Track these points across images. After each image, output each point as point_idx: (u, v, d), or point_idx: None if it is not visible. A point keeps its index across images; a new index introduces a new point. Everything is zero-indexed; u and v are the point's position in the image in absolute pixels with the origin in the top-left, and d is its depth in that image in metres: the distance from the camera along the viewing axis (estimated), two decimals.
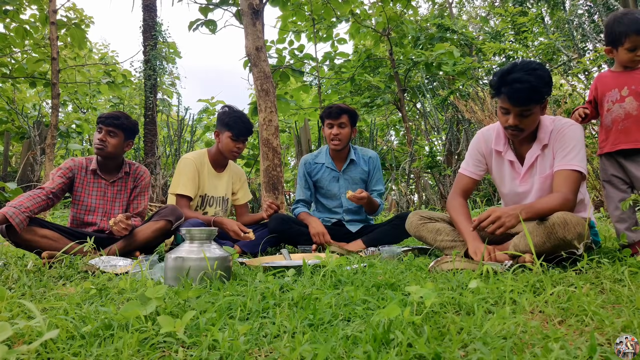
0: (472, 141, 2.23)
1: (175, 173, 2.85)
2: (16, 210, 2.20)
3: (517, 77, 1.79)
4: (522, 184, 2.03)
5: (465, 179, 2.19)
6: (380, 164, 3.04)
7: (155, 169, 7.24)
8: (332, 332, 0.99)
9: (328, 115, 2.84)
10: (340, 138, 2.84)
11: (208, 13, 5.64)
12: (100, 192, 2.63)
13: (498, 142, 2.09)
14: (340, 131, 2.83)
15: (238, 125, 2.80)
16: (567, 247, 1.70)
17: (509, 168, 2.08)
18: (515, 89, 1.79)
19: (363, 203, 2.70)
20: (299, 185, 3.06)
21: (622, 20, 1.90)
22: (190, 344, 0.97)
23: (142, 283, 1.58)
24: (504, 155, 2.07)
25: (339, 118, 2.82)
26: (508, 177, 2.08)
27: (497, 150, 2.09)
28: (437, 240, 2.14)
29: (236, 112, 2.88)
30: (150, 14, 9.19)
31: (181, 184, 2.76)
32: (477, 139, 2.20)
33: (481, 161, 2.17)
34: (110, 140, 2.58)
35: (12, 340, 0.99)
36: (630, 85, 1.91)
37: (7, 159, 9.01)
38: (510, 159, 2.05)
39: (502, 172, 2.11)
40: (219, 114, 2.92)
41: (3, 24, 6.98)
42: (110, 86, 7.62)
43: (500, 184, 2.14)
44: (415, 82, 7.86)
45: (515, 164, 2.05)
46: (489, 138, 2.13)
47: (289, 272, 1.67)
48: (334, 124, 2.83)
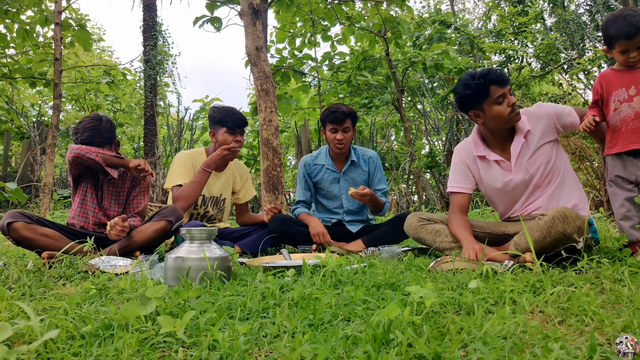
0: (452, 160, 2.30)
1: (170, 168, 2.82)
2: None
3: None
4: (516, 174, 2.09)
5: (457, 197, 2.22)
6: (380, 163, 3.03)
7: (155, 168, 7.24)
8: (332, 332, 0.99)
9: (333, 121, 2.80)
10: (344, 143, 2.83)
11: (214, 10, 5.63)
12: (97, 187, 2.63)
13: (478, 148, 2.17)
14: (344, 136, 2.81)
15: (231, 117, 2.76)
16: (568, 242, 1.71)
17: (496, 167, 2.14)
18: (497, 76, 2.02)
19: (366, 200, 2.68)
20: (298, 186, 3.05)
21: (614, 24, 1.90)
22: (190, 344, 0.97)
23: (142, 283, 1.58)
24: (488, 157, 2.14)
25: (343, 123, 2.80)
26: (499, 175, 2.13)
27: (479, 156, 2.17)
28: (436, 241, 2.14)
29: (225, 107, 2.85)
30: (150, 14, 9.20)
31: (174, 175, 2.73)
32: (457, 154, 2.28)
33: (467, 174, 2.23)
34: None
35: (12, 340, 0.99)
36: (637, 84, 1.89)
37: (7, 159, 9.01)
38: (495, 159, 2.13)
39: (491, 174, 2.16)
40: (210, 114, 2.88)
41: (3, 24, 6.98)
42: (110, 85, 7.61)
43: (490, 184, 2.18)
44: (415, 82, 7.86)
45: (501, 162, 2.12)
46: (468, 149, 2.23)
47: (289, 272, 1.67)
48: (339, 129, 2.81)
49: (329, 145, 2.92)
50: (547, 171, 2.06)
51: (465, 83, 2.05)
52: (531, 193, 2.09)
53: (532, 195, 2.10)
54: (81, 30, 6.61)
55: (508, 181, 2.10)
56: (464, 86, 2.06)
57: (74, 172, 2.56)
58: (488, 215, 4.20)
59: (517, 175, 2.08)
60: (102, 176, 2.63)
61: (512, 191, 2.12)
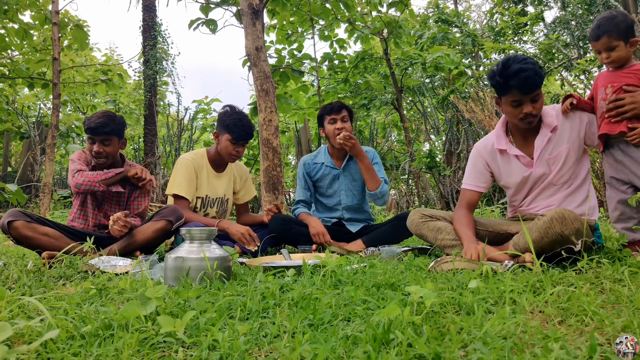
0: (470, 156, 2.30)
1: (172, 173, 2.82)
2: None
3: (519, 67, 1.89)
4: (537, 168, 2.07)
5: (468, 193, 2.23)
6: (378, 157, 3.03)
7: (155, 168, 7.24)
8: (332, 332, 0.99)
9: (330, 111, 2.84)
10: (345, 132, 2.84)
11: (209, 12, 5.64)
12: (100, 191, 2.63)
13: (500, 142, 2.15)
14: (344, 125, 2.83)
15: (238, 129, 2.73)
16: (565, 243, 1.71)
17: (516, 162, 2.13)
18: (523, 77, 1.88)
19: (352, 144, 2.70)
20: (298, 186, 3.06)
21: (593, 26, 1.97)
22: (190, 344, 0.97)
23: (142, 283, 1.58)
24: (509, 151, 2.12)
25: (341, 112, 2.84)
26: (518, 171, 2.12)
27: (500, 150, 2.15)
28: (438, 239, 2.14)
29: (237, 113, 2.81)
30: (150, 14, 9.21)
31: (176, 184, 2.74)
32: (475, 152, 2.27)
33: (484, 173, 2.23)
34: (107, 149, 2.56)
35: (12, 340, 0.99)
36: (613, 83, 1.94)
37: (7, 159, 9.01)
38: (515, 154, 2.11)
39: (510, 169, 2.15)
40: (220, 114, 2.87)
41: (2, 24, 6.98)
42: (107, 84, 7.61)
43: (509, 180, 2.17)
44: (415, 82, 7.85)
45: (521, 158, 2.11)
46: (488, 144, 2.21)
47: (289, 272, 1.67)
48: (337, 118, 2.84)
49: (329, 140, 2.92)
50: (564, 170, 2.04)
51: (492, 72, 2.00)
52: (544, 189, 2.08)
53: (545, 192, 2.09)
54: (78, 29, 6.61)
55: (528, 176, 2.10)
56: (491, 72, 2.02)
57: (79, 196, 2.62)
58: (488, 215, 4.21)
59: (537, 169, 2.07)
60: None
61: (529, 185, 2.12)
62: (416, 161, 6.03)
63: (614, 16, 1.91)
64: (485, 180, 2.23)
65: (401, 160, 7.12)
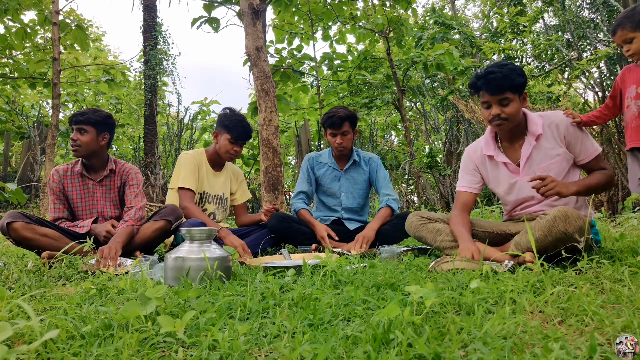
0: (462, 159, 2.32)
1: (175, 168, 2.87)
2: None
3: (491, 70, 1.97)
4: (523, 176, 2.07)
5: (462, 194, 2.24)
6: (382, 164, 3.06)
7: (155, 168, 7.24)
8: (332, 332, 0.99)
9: (330, 126, 2.87)
10: (344, 146, 2.91)
11: (211, 10, 5.65)
12: (89, 192, 2.64)
13: (488, 148, 2.17)
14: (343, 139, 2.89)
15: (237, 129, 2.82)
16: (569, 242, 1.71)
17: (504, 169, 2.14)
18: (490, 78, 1.95)
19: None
20: (300, 178, 3.09)
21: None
22: (190, 344, 0.97)
23: (142, 283, 1.58)
24: (496, 158, 2.13)
25: (341, 127, 2.86)
26: (505, 177, 2.13)
27: (489, 156, 2.17)
28: (437, 240, 2.14)
29: (237, 115, 2.90)
30: (150, 14, 9.20)
31: (181, 178, 2.78)
32: (466, 154, 2.29)
33: (475, 174, 2.24)
34: (82, 138, 2.54)
35: (12, 340, 0.99)
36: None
37: (7, 159, 9.01)
38: (503, 161, 2.12)
39: (498, 175, 2.16)
40: (220, 115, 2.95)
41: (3, 24, 6.98)
42: (109, 84, 7.61)
43: (497, 186, 2.19)
44: (416, 82, 7.85)
45: (509, 165, 2.11)
46: (478, 148, 2.23)
47: (289, 272, 1.67)
48: (337, 133, 2.88)
49: (331, 146, 3.00)
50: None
51: (476, 74, 2.07)
52: (533, 197, 2.08)
53: (533, 199, 2.09)
54: (78, 30, 6.62)
55: (514, 183, 2.10)
56: (474, 75, 2.08)
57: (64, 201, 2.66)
58: (488, 216, 4.21)
59: (524, 177, 2.06)
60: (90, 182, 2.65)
61: (517, 192, 2.11)
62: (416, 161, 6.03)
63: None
64: (478, 182, 2.24)
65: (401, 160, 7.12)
